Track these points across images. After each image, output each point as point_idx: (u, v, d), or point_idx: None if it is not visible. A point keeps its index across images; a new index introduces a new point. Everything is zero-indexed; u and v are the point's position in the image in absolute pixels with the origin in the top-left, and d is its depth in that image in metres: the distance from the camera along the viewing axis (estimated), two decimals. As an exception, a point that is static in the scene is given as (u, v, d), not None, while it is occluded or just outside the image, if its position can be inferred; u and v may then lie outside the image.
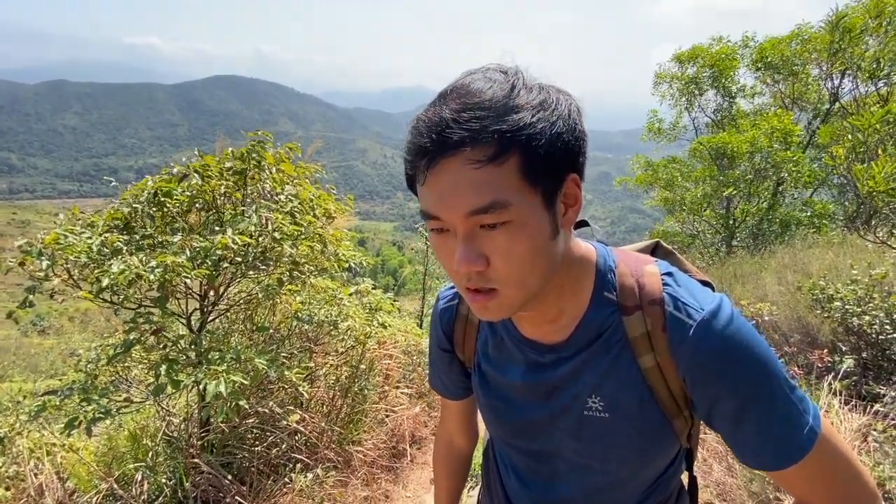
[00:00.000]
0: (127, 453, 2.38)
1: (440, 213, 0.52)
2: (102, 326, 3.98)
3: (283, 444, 2.45)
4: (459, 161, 0.49)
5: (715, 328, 0.56)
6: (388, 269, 51.91)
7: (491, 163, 0.48)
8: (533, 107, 0.50)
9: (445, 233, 0.54)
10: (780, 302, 3.90)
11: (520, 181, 0.50)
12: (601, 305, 0.63)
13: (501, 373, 0.72)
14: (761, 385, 0.55)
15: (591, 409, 0.65)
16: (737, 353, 0.55)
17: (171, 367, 1.70)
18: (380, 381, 3.21)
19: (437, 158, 0.49)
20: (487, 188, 0.49)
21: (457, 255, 0.52)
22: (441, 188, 0.50)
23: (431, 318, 0.84)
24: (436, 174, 0.50)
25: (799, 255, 4.89)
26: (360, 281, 3.17)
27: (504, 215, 0.50)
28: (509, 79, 0.51)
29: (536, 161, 0.50)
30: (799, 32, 9.05)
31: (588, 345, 0.63)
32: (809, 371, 2.97)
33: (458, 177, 0.49)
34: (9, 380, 6.33)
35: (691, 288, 0.61)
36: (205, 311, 2.22)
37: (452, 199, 0.50)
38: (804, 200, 9.05)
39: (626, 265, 0.64)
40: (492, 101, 0.49)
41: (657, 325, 0.59)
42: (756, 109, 10.19)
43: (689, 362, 0.57)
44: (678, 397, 0.61)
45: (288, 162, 2.30)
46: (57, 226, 1.88)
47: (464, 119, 0.48)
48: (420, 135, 0.50)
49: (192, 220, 2.05)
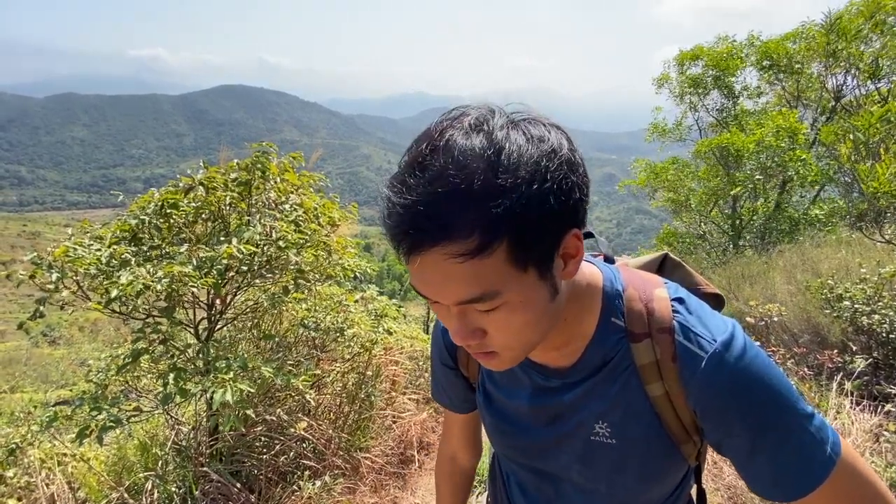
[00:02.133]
0: (137, 462, 2.40)
1: (429, 295, 0.49)
2: (112, 336, 4.02)
3: (290, 451, 2.46)
4: (439, 256, 0.44)
5: (727, 361, 0.54)
6: (393, 273, 51.99)
7: (476, 256, 0.43)
8: (522, 181, 0.43)
9: (439, 304, 0.51)
10: (789, 302, 3.87)
11: (509, 268, 0.45)
12: (608, 331, 0.61)
13: (507, 395, 0.71)
14: (776, 419, 0.53)
15: (597, 435, 0.63)
16: (750, 388, 0.53)
17: (179, 376, 1.71)
18: (386, 387, 3.21)
19: (416, 248, 0.44)
20: (474, 281, 0.45)
21: (451, 331, 0.51)
22: (426, 275, 0.47)
23: (433, 333, 0.81)
24: (416, 265, 0.46)
25: (808, 255, 4.85)
26: (366, 287, 3.18)
27: (495, 302, 0.47)
28: (493, 142, 0.44)
29: (527, 244, 0.45)
30: (801, 31, 9.02)
31: (595, 371, 0.62)
32: (819, 372, 2.94)
33: (440, 270, 0.45)
34: (20, 390, 6.40)
35: (702, 315, 0.58)
36: (212, 320, 2.24)
37: (439, 290, 0.47)
38: (816, 198, 8.98)
39: (634, 288, 0.62)
40: (471, 183, 0.42)
41: (667, 355, 0.57)
42: (760, 109, 10.14)
43: (701, 395, 0.56)
44: (688, 425, 0.60)
45: (292, 171, 2.32)
46: (66, 238, 1.91)
47: (437, 214, 0.42)
48: (391, 224, 0.45)
49: (199, 231, 2.08)
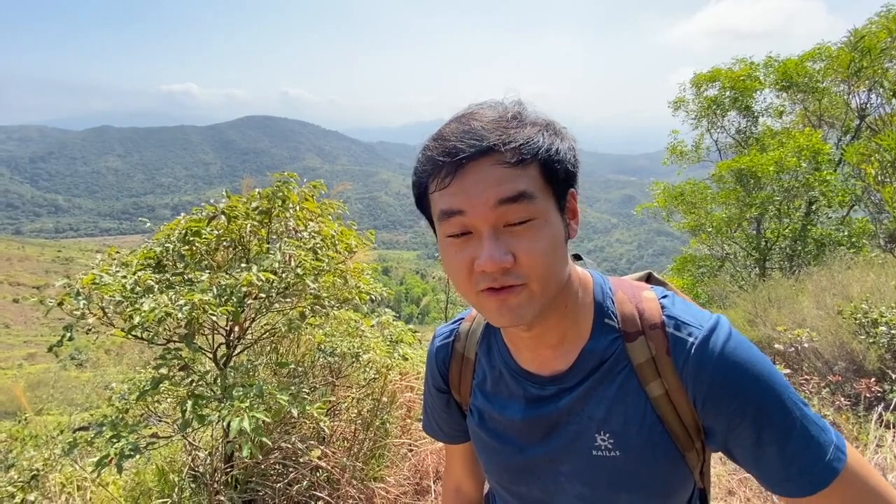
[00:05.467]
0: (154, 488, 2.41)
1: (466, 207, 0.53)
2: (135, 360, 4.11)
3: (304, 480, 2.43)
4: (488, 161, 0.53)
5: (715, 343, 0.56)
6: (411, 297, 52.05)
7: (517, 165, 0.53)
8: (544, 126, 0.56)
9: (465, 236, 0.55)
10: (819, 327, 3.71)
11: (542, 181, 0.55)
12: (603, 333, 0.62)
13: (499, 410, 0.70)
14: (773, 401, 0.54)
15: (600, 449, 0.62)
16: (741, 367, 0.55)
17: (197, 403, 1.73)
18: (402, 414, 3.17)
19: (468, 160, 0.53)
20: (517, 181, 0.53)
21: (483, 254, 0.53)
22: (467, 185, 0.53)
23: (427, 357, 0.82)
24: (463, 174, 0.53)
25: (837, 277, 4.67)
26: (382, 312, 3.19)
27: (530, 209, 0.53)
28: (513, 107, 0.57)
29: (553, 168, 0.55)
30: (820, 50, 8.96)
31: (591, 373, 0.62)
32: (857, 402, 2.78)
33: (486, 174, 0.53)
34: (46, 413, 6.54)
35: (689, 308, 0.62)
36: (230, 346, 2.27)
37: (481, 191, 0.53)
38: (840, 220, 8.70)
39: (623, 291, 0.65)
40: (509, 118, 0.55)
41: (661, 350, 0.59)
42: (784, 129, 10.01)
43: (696, 382, 0.57)
44: (690, 427, 0.60)
45: (312, 200, 2.38)
46: (95, 265, 1.98)
47: (491, 128, 0.53)
48: (446, 141, 0.54)
49: (220, 258, 2.13)
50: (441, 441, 0.86)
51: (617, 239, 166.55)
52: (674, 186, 9.68)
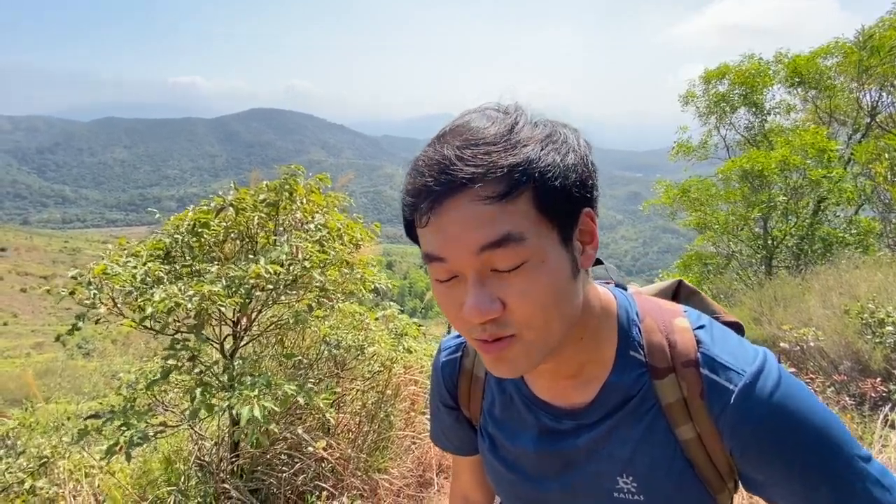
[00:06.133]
0: (160, 477, 2.44)
1: (446, 254, 0.46)
2: (142, 350, 4.16)
3: (309, 470, 2.46)
4: (467, 198, 0.44)
5: (760, 394, 0.49)
6: (415, 291, 52.13)
7: (502, 199, 0.44)
8: (540, 140, 0.46)
9: (452, 281, 0.48)
10: (825, 327, 3.70)
11: (535, 214, 0.45)
12: (627, 366, 0.55)
13: (509, 439, 0.63)
14: (828, 459, 0.47)
15: (622, 492, 0.56)
16: (790, 426, 0.48)
17: (206, 392, 1.75)
18: (406, 406, 3.19)
19: (442, 198, 0.45)
20: (500, 221, 0.44)
21: (468, 302, 0.46)
22: (447, 227, 0.45)
23: (433, 370, 0.75)
24: (441, 214, 0.45)
25: (844, 277, 4.64)
26: (387, 305, 3.20)
27: (520, 253, 0.45)
28: (510, 115, 0.48)
29: (551, 194, 0.45)
30: (834, 46, 8.82)
31: (613, 412, 0.56)
32: (862, 401, 2.78)
33: (466, 213, 0.44)
34: (55, 401, 6.63)
35: (729, 344, 0.54)
36: (237, 337, 2.30)
37: (461, 236, 0.45)
38: (848, 219, 8.63)
39: (652, 318, 0.57)
40: (496, 136, 0.45)
41: (694, 391, 0.52)
42: (793, 126, 9.91)
43: (735, 435, 0.50)
44: (724, 472, 0.54)
45: (318, 192, 2.39)
46: (105, 255, 2.00)
47: (468, 155, 0.44)
48: (421, 174, 0.46)
49: (227, 249, 2.15)
50: (449, 452, 0.79)
51: (622, 236, 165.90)
52: (678, 184, 9.60)
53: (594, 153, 0.52)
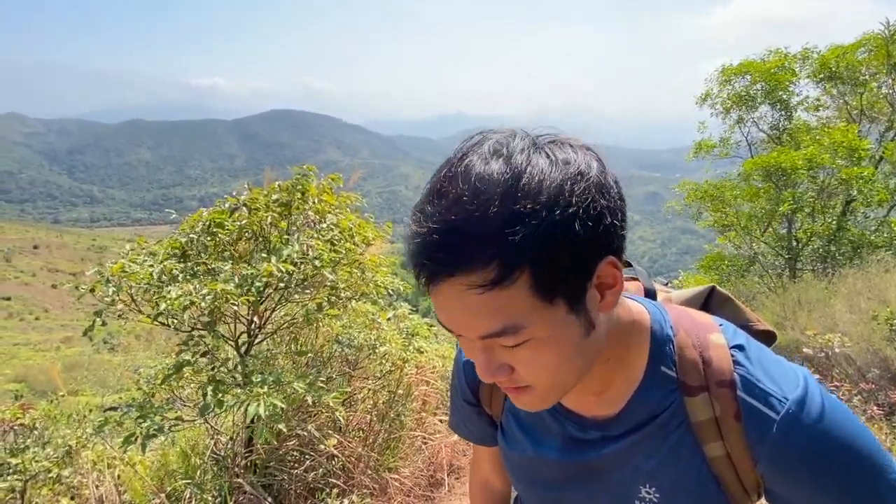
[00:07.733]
0: (178, 470, 2.50)
1: (451, 327, 0.46)
2: (163, 346, 4.27)
3: (320, 468, 2.49)
4: (458, 287, 0.41)
5: (804, 424, 0.47)
6: (430, 291, 52.26)
7: (495, 287, 0.41)
8: (543, 206, 0.40)
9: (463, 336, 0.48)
10: (852, 332, 3.57)
11: (533, 300, 0.42)
12: (657, 382, 0.54)
13: (533, 444, 0.63)
14: (868, 483, 0.47)
15: (643, 500, 0.56)
16: (833, 456, 0.47)
17: (218, 388, 1.79)
18: (417, 406, 3.20)
19: (435, 280, 0.43)
20: (495, 314, 0.42)
21: (476, 366, 0.48)
22: (445, 305, 0.44)
23: (454, 365, 0.74)
24: (437, 294, 0.44)
25: (874, 281, 4.46)
26: (399, 305, 3.22)
27: (522, 335, 0.44)
28: (512, 167, 0.41)
29: (552, 274, 0.41)
30: (868, 39, 8.46)
31: (641, 425, 0.55)
32: (891, 411, 2.67)
33: (460, 302, 0.43)
34: (81, 393, 6.85)
35: (768, 365, 0.52)
36: (251, 335, 2.34)
37: (461, 322, 0.45)
38: (879, 220, 8.30)
39: (686, 333, 0.55)
40: (487, 209, 0.40)
41: (728, 412, 0.50)
42: (821, 123, 9.56)
43: (772, 463, 0.49)
44: (749, 487, 0.53)
45: (330, 192, 2.41)
46: (124, 255, 2.06)
47: (453, 244, 0.40)
48: (410, 253, 0.44)
49: (241, 249, 2.19)
50: (468, 440, 0.79)
51: (640, 237, 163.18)
52: (701, 185, 9.35)
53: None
